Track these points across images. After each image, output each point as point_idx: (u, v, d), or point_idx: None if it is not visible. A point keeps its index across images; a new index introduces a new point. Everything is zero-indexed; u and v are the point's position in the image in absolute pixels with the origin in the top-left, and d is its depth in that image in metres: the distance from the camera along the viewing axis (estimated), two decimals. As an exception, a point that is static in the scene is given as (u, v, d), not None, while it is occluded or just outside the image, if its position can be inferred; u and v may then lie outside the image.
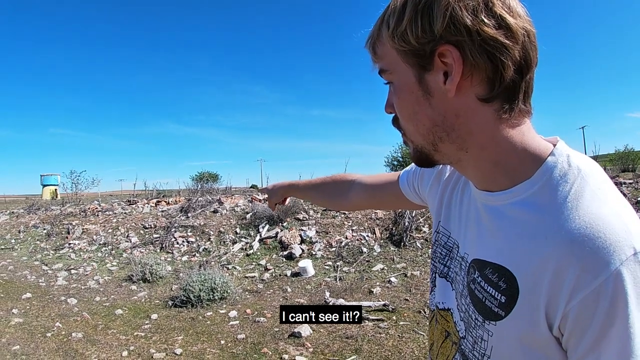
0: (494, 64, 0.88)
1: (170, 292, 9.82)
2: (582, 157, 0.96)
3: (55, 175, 49.04)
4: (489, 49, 0.88)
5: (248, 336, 6.97)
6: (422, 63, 0.94)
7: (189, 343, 6.80)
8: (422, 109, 0.98)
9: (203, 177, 27.72)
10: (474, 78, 0.91)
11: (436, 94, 0.95)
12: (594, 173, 0.92)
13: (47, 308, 8.88)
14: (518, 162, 0.97)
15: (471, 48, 0.88)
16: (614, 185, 0.93)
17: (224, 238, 13.42)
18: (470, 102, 0.94)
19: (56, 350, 6.67)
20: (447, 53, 0.90)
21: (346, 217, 13.39)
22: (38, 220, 18.26)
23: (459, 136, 0.98)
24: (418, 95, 0.98)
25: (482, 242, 1.07)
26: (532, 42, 0.92)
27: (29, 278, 11.72)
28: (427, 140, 1.02)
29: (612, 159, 27.23)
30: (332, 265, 10.82)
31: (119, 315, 8.30)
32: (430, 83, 0.95)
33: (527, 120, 0.98)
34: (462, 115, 0.95)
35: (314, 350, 6.36)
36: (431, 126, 0.99)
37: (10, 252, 15.03)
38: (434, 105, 0.96)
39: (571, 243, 0.84)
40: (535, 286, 0.88)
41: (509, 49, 0.88)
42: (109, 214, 17.56)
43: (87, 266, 12.51)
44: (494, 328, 0.99)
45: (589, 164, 0.94)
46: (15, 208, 22.87)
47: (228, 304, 8.62)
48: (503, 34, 0.87)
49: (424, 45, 0.92)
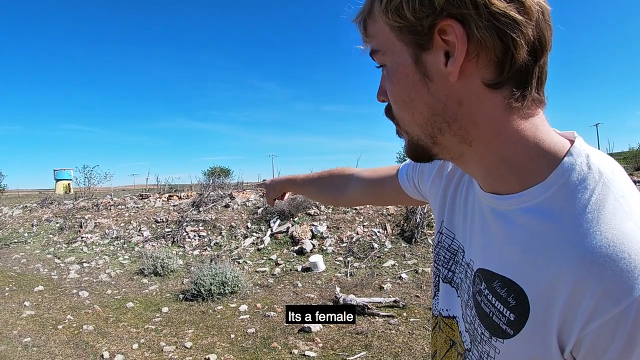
0: (505, 42, 0.76)
1: (181, 285, 9.85)
2: (603, 157, 0.85)
3: (68, 170, 49.25)
4: (499, 25, 0.75)
5: (258, 330, 6.97)
6: (420, 41, 0.82)
7: (199, 337, 6.81)
8: (419, 95, 0.86)
9: (215, 171, 27.80)
10: (480, 59, 0.79)
11: (436, 78, 0.83)
12: (616, 177, 0.81)
13: (58, 301, 8.94)
14: (529, 160, 0.85)
15: (477, 23, 0.76)
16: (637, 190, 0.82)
17: (235, 232, 13.44)
18: (475, 87, 0.81)
19: (67, 342, 6.71)
20: (449, 29, 0.78)
21: (357, 213, 13.34)
22: (51, 214, 18.38)
23: (461, 127, 0.85)
24: (414, 79, 0.85)
25: (489, 250, 0.96)
26: (547, 20, 0.80)
27: (41, 271, 11.82)
28: (424, 131, 0.89)
29: (626, 157, 27.06)
30: (343, 260, 10.80)
31: (130, 309, 8.33)
32: (428, 65, 0.83)
33: (541, 112, 0.86)
34: (465, 102, 0.83)
35: (324, 345, 6.34)
36: (429, 115, 0.86)
37: (24, 245, 15.18)
38: (433, 90, 0.84)
39: (591, 264, 0.74)
40: (548, 306, 0.79)
41: (521, 26, 0.76)
42: (121, 208, 17.64)
43: (99, 259, 12.60)
44: (501, 346, 0.90)
45: (611, 165, 0.83)
46: (28, 202, 22.99)
47: (239, 298, 8.63)
48: (515, 7, 0.75)
49: (422, 19, 0.79)
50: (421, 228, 11.45)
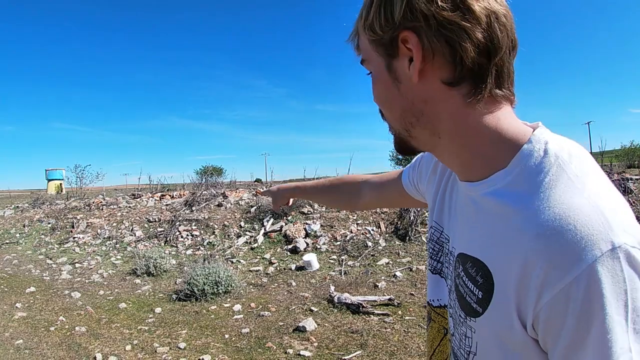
0: (452, 46, 0.86)
1: (174, 285, 9.80)
2: (563, 143, 0.91)
3: (60, 169, 49.01)
4: (446, 32, 0.86)
5: (252, 330, 6.92)
6: (389, 51, 0.94)
7: (192, 337, 6.75)
8: (392, 95, 0.98)
9: (207, 170, 27.77)
10: (435, 62, 0.89)
11: (403, 80, 0.95)
12: (573, 160, 0.86)
13: (50, 302, 8.86)
14: (493, 149, 0.93)
15: (427, 32, 0.87)
16: (603, 175, 0.87)
17: (229, 232, 13.40)
18: (436, 86, 0.92)
19: (59, 344, 6.64)
20: (409, 39, 0.89)
21: (351, 211, 13.33)
22: (43, 214, 18.29)
23: (428, 122, 0.96)
24: (388, 83, 0.98)
25: (465, 235, 1.05)
26: (501, 23, 0.88)
27: (33, 272, 11.73)
28: (401, 125, 1.02)
29: (618, 154, 27.32)
30: (337, 259, 10.80)
31: (122, 309, 8.27)
32: (398, 70, 0.95)
33: (506, 106, 0.94)
34: (429, 100, 0.94)
35: (319, 345, 6.31)
36: (401, 112, 0.99)
37: (15, 246, 15.08)
38: (403, 91, 0.96)
39: (538, 237, 0.79)
40: (507, 282, 0.84)
41: (468, 31, 0.85)
42: (113, 207, 17.58)
43: (92, 260, 12.53)
44: (474, 325, 0.95)
45: (570, 150, 0.89)
46: (20, 202, 22.91)
47: (232, 298, 8.58)
48: (461, 16, 0.85)
49: (386, 33, 0.92)
50: (415, 226, 11.45)
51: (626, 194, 12.21)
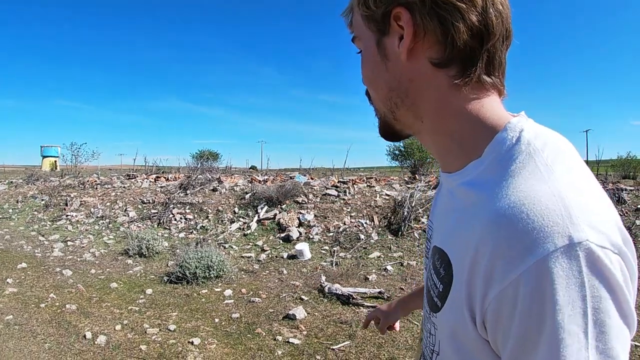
0: (445, 26, 0.85)
1: (165, 268, 9.81)
2: (541, 132, 0.87)
3: (55, 147, 48.78)
4: (440, 11, 0.84)
5: (242, 316, 6.96)
6: (380, 27, 0.93)
7: (183, 319, 6.78)
8: (380, 73, 0.97)
9: (203, 155, 27.71)
10: (426, 41, 0.88)
11: (392, 58, 0.93)
12: (547, 149, 0.82)
13: (42, 279, 8.87)
14: (472, 137, 0.91)
15: (421, 10, 0.86)
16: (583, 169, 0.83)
17: (222, 217, 13.42)
18: (423, 66, 0.90)
19: (49, 321, 6.65)
20: (401, 15, 0.88)
21: (345, 203, 13.39)
22: (36, 190, 18.23)
23: (413, 103, 0.95)
24: (377, 60, 0.97)
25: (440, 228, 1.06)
26: (497, 9, 0.87)
27: (25, 248, 11.71)
28: (386, 106, 1.00)
29: (614, 164, 27.40)
30: (329, 250, 10.83)
31: (113, 289, 8.29)
32: (387, 47, 0.94)
33: (493, 95, 0.92)
34: (416, 79, 0.92)
35: (308, 333, 6.35)
36: (387, 91, 0.97)
37: (8, 221, 15.04)
38: (390, 69, 0.94)
39: (489, 224, 0.76)
40: (461, 273, 0.81)
41: (462, 12, 0.84)
42: (107, 187, 17.54)
43: (84, 238, 12.52)
44: (436, 320, 0.93)
45: (546, 140, 0.85)
46: (14, 178, 22.82)
47: (223, 283, 8.61)
48: None
49: (380, 8, 0.91)
50: (408, 222, 11.47)
51: (619, 204, 12.29)
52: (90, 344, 5.91)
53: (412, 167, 22.24)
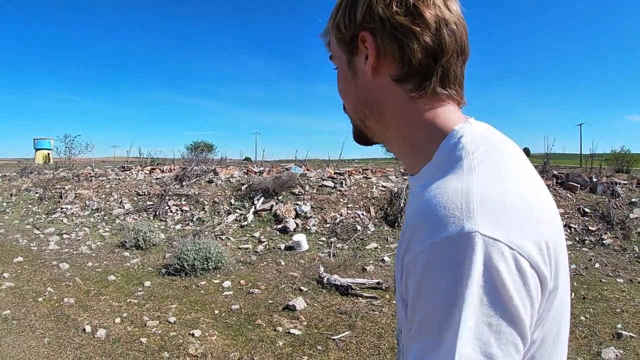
0: (401, 47, 0.96)
1: (163, 260, 9.80)
2: (478, 136, 0.96)
3: (48, 139, 48.43)
4: (397, 34, 0.95)
5: (242, 307, 6.95)
6: (350, 48, 1.05)
7: (182, 312, 6.77)
8: (351, 88, 1.09)
9: (198, 146, 27.60)
10: (386, 60, 0.99)
11: (360, 75, 1.05)
12: (478, 152, 0.90)
13: (38, 272, 8.83)
14: (427, 143, 1.00)
15: (381, 33, 0.97)
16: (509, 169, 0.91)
17: (218, 208, 13.37)
18: (386, 82, 1.01)
19: (48, 315, 6.62)
20: (366, 39, 0.99)
21: (342, 195, 13.36)
22: (30, 183, 18.09)
23: (379, 114, 1.06)
24: (348, 77, 1.08)
25: None
26: (450, 29, 0.96)
27: (20, 242, 11.65)
28: (357, 116, 1.12)
29: (608, 158, 27.51)
30: (326, 241, 10.84)
31: (111, 282, 8.26)
32: (356, 65, 1.05)
33: (449, 105, 1.02)
34: (380, 93, 1.03)
35: (308, 324, 6.36)
36: (356, 103, 1.10)
37: (2, 215, 14.96)
38: (359, 85, 1.06)
39: (410, 217, 0.90)
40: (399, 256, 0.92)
41: (416, 34, 0.94)
42: (102, 179, 17.43)
43: (80, 231, 12.45)
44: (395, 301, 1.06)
45: (480, 144, 0.93)
46: (7, 171, 22.67)
47: (222, 274, 8.60)
48: (411, 20, 0.94)
49: (349, 32, 1.03)
50: (404, 213, 11.46)
51: (614, 198, 12.43)
52: (90, 338, 5.89)
53: None
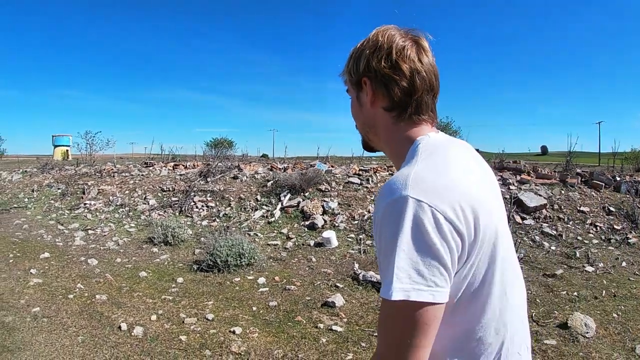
0: (387, 89, 1.39)
1: (192, 256, 9.65)
2: (428, 142, 1.38)
3: (67, 136, 48.86)
4: (384, 80, 1.39)
5: (280, 304, 6.77)
6: (357, 87, 1.51)
7: (219, 308, 6.57)
8: (359, 114, 1.55)
9: (219, 143, 27.54)
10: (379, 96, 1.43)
11: (364, 105, 1.50)
12: (424, 152, 1.32)
13: (66, 268, 8.66)
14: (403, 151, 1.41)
15: (374, 79, 1.42)
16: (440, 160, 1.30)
17: (245, 204, 13.20)
18: (379, 111, 1.45)
19: (80, 312, 6.42)
20: (366, 82, 1.44)
21: (368, 192, 13.19)
22: (52, 179, 18.10)
23: (376, 132, 1.51)
24: (357, 106, 1.54)
25: None
26: (421, 76, 1.38)
27: (45, 237, 11.53)
28: (363, 132, 1.59)
29: (627, 157, 27.31)
30: (355, 237, 10.66)
31: (143, 278, 8.09)
32: (362, 99, 1.50)
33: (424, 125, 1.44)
34: (376, 118, 1.48)
35: (349, 320, 6.19)
36: (362, 124, 1.55)
37: (24, 210, 14.90)
38: (364, 112, 1.51)
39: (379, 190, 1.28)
40: None
41: (396, 81, 1.37)
42: (125, 175, 17.38)
43: (105, 227, 12.33)
44: None
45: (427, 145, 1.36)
46: (27, 167, 22.68)
47: (255, 271, 8.42)
48: (393, 71, 1.37)
49: (356, 77, 1.48)
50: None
51: (638, 197, 12.37)
52: (127, 336, 5.68)
53: None
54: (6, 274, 8.22)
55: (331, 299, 6.75)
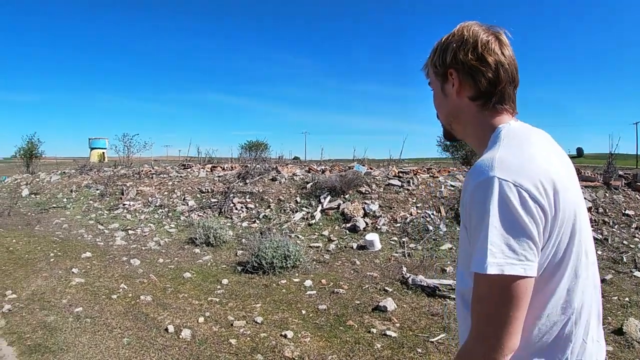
0: (474, 79, 1.51)
1: (235, 257, 9.53)
2: (510, 128, 1.49)
3: (103, 139, 49.66)
4: (471, 72, 1.51)
5: (329, 307, 6.58)
6: (442, 78, 1.62)
7: (268, 311, 6.39)
8: (443, 104, 1.66)
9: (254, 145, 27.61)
10: (465, 86, 1.55)
11: (449, 95, 1.61)
12: (507, 137, 1.44)
13: (109, 268, 8.57)
14: (486, 137, 1.52)
15: (462, 71, 1.54)
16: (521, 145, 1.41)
17: (284, 206, 13.07)
18: (465, 100, 1.56)
19: (124, 313, 6.29)
20: (452, 73, 1.57)
21: (410, 194, 12.93)
22: (90, 180, 18.25)
23: (460, 120, 1.62)
24: (441, 97, 1.65)
25: None
26: (505, 68, 1.50)
27: (85, 237, 11.54)
28: (447, 122, 1.69)
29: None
30: (398, 240, 10.46)
31: (187, 279, 7.96)
32: (446, 90, 1.61)
33: (504, 114, 1.54)
34: (461, 107, 1.58)
35: (401, 325, 5.99)
36: (447, 113, 1.66)
37: (63, 210, 15.05)
38: (448, 102, 1.62)
39: (468, 172, 1.40)
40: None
41: (483, 72, 1.49)
42: (163, 177, 17.45)
43: (145, 227, 12.32)
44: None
45: (508, 132, 1.47)
46: (65, 169, 22.89)
47: (300, 273, 8.25)
48: (480, 64, 1.50)
49: (442, 68, 1.60)
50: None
51: None
52: (174, 339, 5.52)
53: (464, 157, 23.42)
54: (47, 272, 8.15)
55: (382, 303, 6.53)
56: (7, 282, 7.58)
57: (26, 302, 6.66)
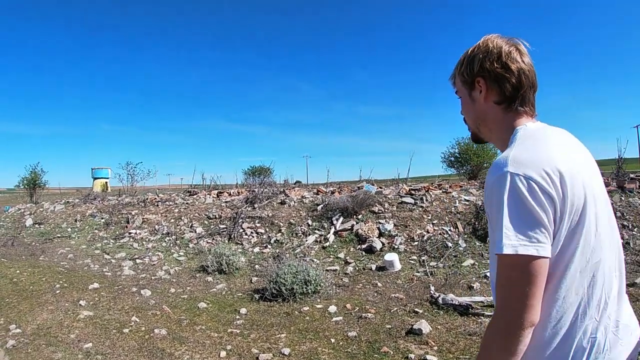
0: (500, 86, 1.71)
1: (250, 284, 9.13)
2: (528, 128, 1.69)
3: (106, 168, 49.97)
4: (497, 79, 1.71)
5: (360, 334, 6.15)
6: (470, 86, 1.82)
7: (294, 342, 5.95)
8: (471, 110, 1.86)
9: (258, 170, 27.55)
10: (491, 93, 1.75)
11: (476, 101, 1.81)
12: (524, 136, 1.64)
13: (118, 300, 8.12)
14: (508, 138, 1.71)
15: (489, 79, 1.73)
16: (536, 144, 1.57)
17: (296, 230, 12.70)
18: (491, 105, 1.76)
19: (138, 349, 5.84)
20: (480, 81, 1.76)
21: (424, 211, 12.57)
22: (95, 209, 18.00)
23: (487, 123, 1.82)
24: (469, 103, 1.86)
25: None
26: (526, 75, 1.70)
27: (92, 267, 11.17)
28: (474, 126, 1.90)
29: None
30: (417, 259, 10.11)
31: (203, 309, 7.51)
32: (474, 96, 1.82)
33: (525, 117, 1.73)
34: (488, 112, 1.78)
35: (439, 348, 5.62)
36: (474, 118, 1.86)
37: (68, 240, 14.73)
38: (476, 107, 1.82)
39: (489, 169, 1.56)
40: None
41: (507, 79, 1.69)
42: (169, 204, 17.17)
43: (153, 256, 11.93)
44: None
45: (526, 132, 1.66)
46: (69, 198, 22.64)
47: (322, 299, 7.82)
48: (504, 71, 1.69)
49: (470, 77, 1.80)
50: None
51: None
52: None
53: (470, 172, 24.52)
54: (53, 305, 7.70)
55: (416, 325, 6.14)
56: (11, 315, 7.14)
57: (31, 337, 6.23)
